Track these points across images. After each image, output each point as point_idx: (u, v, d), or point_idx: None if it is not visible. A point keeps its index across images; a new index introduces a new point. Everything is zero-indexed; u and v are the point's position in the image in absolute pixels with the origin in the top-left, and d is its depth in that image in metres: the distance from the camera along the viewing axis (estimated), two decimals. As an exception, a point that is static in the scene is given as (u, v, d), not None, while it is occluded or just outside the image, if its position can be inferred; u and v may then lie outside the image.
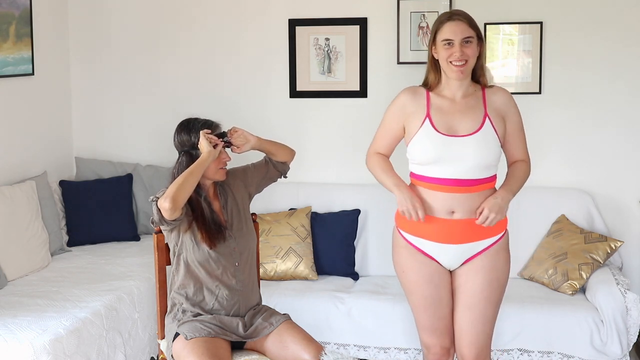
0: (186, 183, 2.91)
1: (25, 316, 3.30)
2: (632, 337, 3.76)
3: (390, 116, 3.06)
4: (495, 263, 2.96)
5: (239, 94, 4.76)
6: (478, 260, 2.97)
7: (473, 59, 2.91)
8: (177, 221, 2.96)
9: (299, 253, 4.27)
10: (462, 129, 2.91)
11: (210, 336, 2.97)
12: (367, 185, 4.58)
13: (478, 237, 2.95)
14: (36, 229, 4.08)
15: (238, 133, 3.15)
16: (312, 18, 4.61)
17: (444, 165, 2.90)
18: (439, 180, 2.92)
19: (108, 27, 4.87)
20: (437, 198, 2.93)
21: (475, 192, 2.92)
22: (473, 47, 2.90)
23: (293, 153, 3.35)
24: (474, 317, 2.99)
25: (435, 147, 2.90)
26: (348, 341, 3.97)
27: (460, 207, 2.91)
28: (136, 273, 3.96)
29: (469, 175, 2.90)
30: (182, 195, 2.89)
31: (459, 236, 2.93)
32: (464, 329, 3.01)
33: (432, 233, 2.95)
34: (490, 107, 2.94)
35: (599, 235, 4.13)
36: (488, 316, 3.00)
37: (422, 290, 3.02)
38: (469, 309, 2.99)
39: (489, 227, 2.92)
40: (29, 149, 4.50)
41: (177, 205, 2.88)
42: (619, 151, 4.40)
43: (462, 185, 2.90)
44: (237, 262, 3.11)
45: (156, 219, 2.96)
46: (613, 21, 4.32)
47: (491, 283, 2.96)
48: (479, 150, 2.88)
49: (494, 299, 2.99)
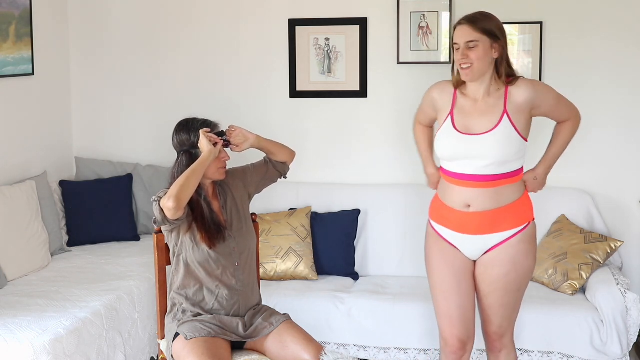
0: (189, 182, 2.92)
1: (25, 316, 3.30)
2: (632, 337, 3.76)
3: (426, 103, 3.27)
4: (513, 255, 3.02)
5: (239, 94, 4.76)
6: (497, 252, 3.03)
7: (479, 61, 2.95)
8: (179, 220, 2.96)
9: (299, 253, 4.27)
10: (479, 127, 2.98)
11: (210, 336, 2.97)
12: (367, 185, 4.59)
13: (495, 229, 3.01)
14: (36, 229, 4.08)
15: (237, 132, 3.16)
16: (312, 18, 4.61)
17: (461, 161, 3.01)
18: (457, 175, 3.04)
19: (108, 27, 4.87)
20: (454, 191, 3.05)
21: (494, 188, 2.99)
22: (478, 50, 2.95)
23: (293, 154, 3.35)
24: (489, 303, 3.10)
25: (452, 145, 3.02)
26: (348, 341, 3.97)
27: (476, 201, 3.00)
28: (136, 273, 3.96)
29: (487, 172, 2.97)
30: (185, 194, 2.90)
31: (475, 228, 3.03)
32: (482, 316, 3.16)
33: (453, 223, 3.07)
34: (511, 104, 2.97)
35: (599, 235, 4.13)
36: (504, 304, 3.09)
37: (442, 275, 3.13)
38: (485, 297, 3.11)
39: (506, 220, 3.00)
40: (29, 149, 4.50)
41: (181, 205, 2.89)
42: (619, 151, 4.40)
43: (479, 180, 2.98)
44: (236, 262, 3.11)
45: (159, 219, 2.96)
46: (613, 21, 4.32)
47: (508, 274, 3.03)
48: (495, 148, 2.94)
49: (511, 288, 3.06)
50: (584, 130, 4.39)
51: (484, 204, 3.00)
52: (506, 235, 3.02)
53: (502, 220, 3.00)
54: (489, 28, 2.96)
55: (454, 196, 3.05)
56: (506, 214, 3.01)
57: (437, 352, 3.88)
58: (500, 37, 2.98)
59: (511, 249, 3.02)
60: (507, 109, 2.96)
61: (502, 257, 3.03)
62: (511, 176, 3.01)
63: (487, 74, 3.00)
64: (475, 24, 2.97)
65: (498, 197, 3.00)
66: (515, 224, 3.02)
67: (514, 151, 2.97)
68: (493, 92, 3.01)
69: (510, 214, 3.01)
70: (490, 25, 2.98)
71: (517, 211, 3.03)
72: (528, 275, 3.10)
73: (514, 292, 3.09)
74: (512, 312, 3.15)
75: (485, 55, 2.96)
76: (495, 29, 2.98)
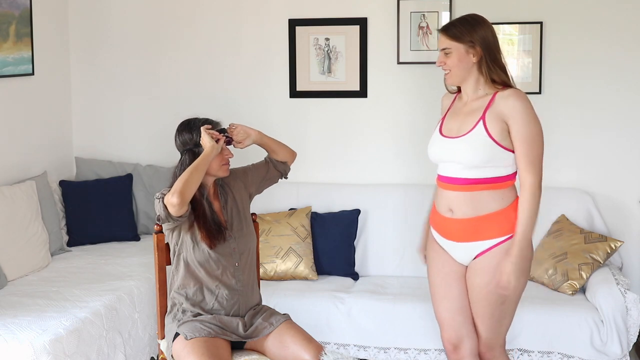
0: (192, 178, 2.93)
1: (25, 316, 3.30)
2: (632, 337, 3.76)
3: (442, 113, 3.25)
4: (494, 265, 2.96)
5: (239, 94, 4.76)
6: (479, 260, 3.01)
7: (455, 68, 3.00)
8: (183, 217, 2.97)
9: (299, 253, 4.27)
10: (456, 130, 3.02)
11: (210, 336, 2.97)
12: (367, 185, 4.59)
13: (476, 238, 2.99)
14: (36, 229, 4.08)
15: (238, 129, 3.17)
16: (312, 18, 4.61)
17: (443, 164, 3.07)
18: (441, 177, 3.09)
19: (108, 27, 4.87)
20: (441, 195, 3.08)
21: (470, 192, 2.97)
22: (452, 57, 2.99)
23: (294, 154, 3.35)
24: (475, 312, 3.08)
25: (433, 147, 3.10)
26: (348, 341, 3.96)
27: (456, 206, 3.00)
28: (136, 273, 3.96)
29: (463, 175, 2.98)
30: (189, 190, 2.91)
31: (458, 235, 3.03)
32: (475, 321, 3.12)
33: (441, 229, 3.09)
34: (492, 111, 2.94)
35: (599, 235, 4.13)
36: (488, 314, 3.04)
37: (433, 279, 3.17)
38: (473, 304, 3.09)
39: (488, 229, 2.96)
40: (29, 149, 4.50)
41: (185, 201, 2.90)
42: (619, 151, 4.40)
43: (457, 183, 3.00)
44: (236, 262, 3.11)
45: (163, 216, 2.96)
46: (613, 21, 4.32)
47: (488, 284, 2.98)
48: (466, 151, 2.95)
49: (493, 300, 3.00)
50: (584, 130, 4.43)
51: (463, 209, 2.98)
52: (488, 245, 2.97)
53: (483, 229, 2.96)
54: (462, 35, 2.96)
55: (441, 200, 3.07)
56: (487, 223, 2.95)
57: (437, 352, 3.88)
58: (477, 43, 2.96)
59: (492, 258, 2.96)
60: (485, 114, 2.94)
61: (483, 266, 2.99)
62: (489, 182, 2.95)
63: (469, 78, 3.01)
64: (448, 31, 3.00)
65: (476, 204, 2.95)
66: (497, 234, 2.95)
67: (487, 157, 2.91)
68: (481, 95, 3.01)
69: (491, 223, 2.95)
70: (465, 32, 2.97)
71: (498, 221, 2.94)
72: (514, 290, 2.95)
73: (498, 305, 3.00)
74: (498, 325, 3.07)
75: (460, 62, 2.98)
76: (471, 35, 2.96)
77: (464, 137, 2.96)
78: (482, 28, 3.00)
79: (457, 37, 2.98)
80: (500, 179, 2.97)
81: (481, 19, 3.04)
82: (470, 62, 2.99)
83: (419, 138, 4.57)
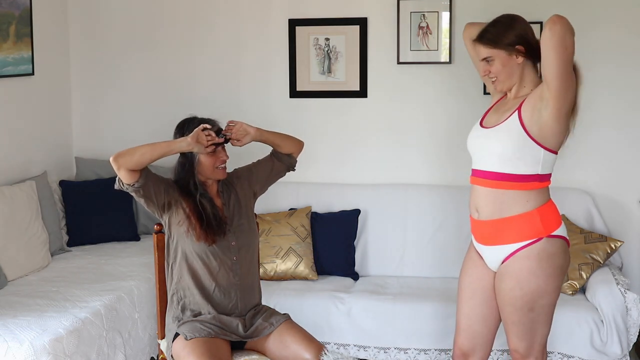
0: (138, 151, 2.90)
1: (25, 316, 3.30)
2: (632, 337, 3.76)
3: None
4: (517, 271, 2.87)
5: (239, 94, 4.76)
6: (505, 265, 2.92)
7: (501, 73, 2.90)
8: (134, 187, 2.94)
9: (299, 253, 4.27)
10: (494, 122, 2.93)
11: (210, 336, 2.97)
12: (367, 185, 4.59)
13: (500, 241, 2.90)
14: (36, 229, 4.08)
15: (237, 126, 3.13)
16: (312, 18, 4.61)
17: (475, 156, 2.99)
18: (473, 171, 2.99)
19: (108, 27, 4.87)
20: (471, 193, 3.00)
21: (496, 189, 2.87)
22: (496, 64, 2.89)
23: (300, 144, 3.31)
24: (503, 318, 2.98)
25: (471, 137, 3.02)
26: (348, 341, 3.96)
27: (483, 206, 2.91)
28: (136, 273, 3.96)
29: (493, 168, 2.87)
30: (129, 158, 2.88)
31: (484, 237, 2.96)
32: (505, 329, 3.02)
33: (473, 230, 3.05)
34: (528, 102, 2.84)
35: (599, 235, 4.13)
36: (516, 322, 2.92)
37: (462, 280, 3.11)
38: (500, 310, 2.99)
39: (510, 233, 2.88)
40: (29, 149, 4.50)
41: (119, 165, 2.87)
42: (619, 151, 4.40)
43: (485, 177, 2.90)
44: (234, 256, 3.10)
45: (117, 181, 2.97)
46: (613, 21, 4.33)
47: (512, 290, 2.88)
48: (496, 140, 2.86)
49: (519, 306, 2.89)
50: (584, 130, 4.42)
51: (487, 209, 2.89)
52: (512, 249, 2.88)
53: (504, 233, 2.88)
54: (498, 39, 2.88)
55: (471, 199, 3.00)
56: (508, 226, 2.87)
57: (437, 352, 3.88)
58: (518, 42, 2.87)
59: (516, 264, 2.87)
60: (521, 106, 2.85)
61: (508, 271, 2.90)
62: (515, 179, 2.85)
63: (518, 79, 2.92)
64: (483, 39, 2.91)
65: (499, 205, 2.87)
66: (519, 238, 2.86)
67: (516, 147, 2.82)
68: (526, 92, 2.91)
69: (513, 226, 2.86)
70: (501, 35, 2.88)
71: (521, 224, 2.86)
72: (542, 296, 2.87)
73: (525, 311, 2.88)
74: (531, 334, 2.92)
75: (504, 66, 2.89)
76: (507, 37, 2.87)
77: (499, 126, 2.88)
78: (517, 25, 2.90)
79: (494, 43, 2.88)
80: (527, 177, 2.85)
81: (514, 16, 2.95)
82: (515, 64, 2.88)
83: (419, 138, 4.57)
